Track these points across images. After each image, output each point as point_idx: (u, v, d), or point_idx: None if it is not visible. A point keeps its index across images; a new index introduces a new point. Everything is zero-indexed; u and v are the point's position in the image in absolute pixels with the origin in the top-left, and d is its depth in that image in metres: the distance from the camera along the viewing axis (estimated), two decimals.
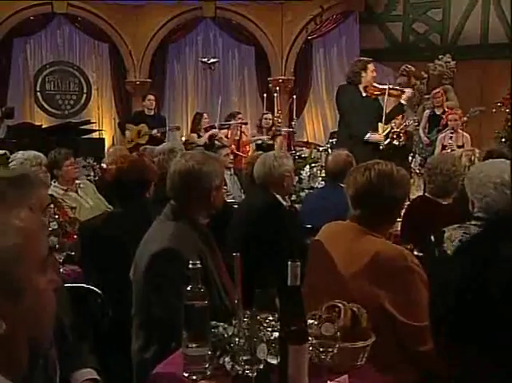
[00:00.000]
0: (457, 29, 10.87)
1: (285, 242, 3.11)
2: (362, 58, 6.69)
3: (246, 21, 11.22)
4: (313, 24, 11.14)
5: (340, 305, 1.90)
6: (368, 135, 5.96)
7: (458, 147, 7.96)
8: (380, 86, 6.32)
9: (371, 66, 6.25)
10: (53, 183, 4.58)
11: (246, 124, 9.27)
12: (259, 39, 11.22)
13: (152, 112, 9.33)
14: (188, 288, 1.75)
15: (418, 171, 10.19)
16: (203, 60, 11.36)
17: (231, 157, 6.73)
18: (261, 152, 5.45)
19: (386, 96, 6.19)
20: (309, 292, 1.92)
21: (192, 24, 11.46)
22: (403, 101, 6.36)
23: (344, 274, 2.10)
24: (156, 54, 11.36)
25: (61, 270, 2.89)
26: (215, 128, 8.56)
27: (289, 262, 1.64)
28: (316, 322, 1.79)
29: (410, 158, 9.44)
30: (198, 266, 1.76)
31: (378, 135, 6.01)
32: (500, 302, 0.67)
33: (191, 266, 1.76)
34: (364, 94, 6.27)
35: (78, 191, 4.69)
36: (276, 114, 9.74)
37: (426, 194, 3.58)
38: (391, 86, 6.50)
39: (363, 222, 2.20)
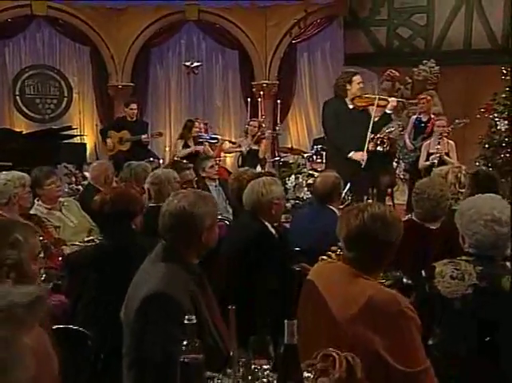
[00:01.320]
0: (441, 34, 10.94)
1: (273, 274, 3.12)
2: (348, 70, 6.71)
3: (230, 25, 11.22)
4: (297, 28, 11.17)
5: (334, 354, 1.91)
6: (352, 153, 6.00)
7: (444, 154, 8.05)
8: (367, 97, 6.35)
9: (356, 78, 6.27)
10: (36, 201, 4.54)
11: (230, 141, 9.36)
12: (243, 43, 11.23)
13: (134, 118, 9.30)
14: (184, 343, 1.75)
15: (402, 177, 10.31)
16: (186, 64, 11.37)
17: (216, 168, 6.72)
18: (247, 168, 5.49)
19: (374, 107, 6.22)
20: (303, 334, 1.93)
21: (175, 27, 11.44)
22: (388, 111, 6.40)
23: (338, 318, 2.12)
24: (139, 58, 11.32)
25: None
26: (204, 136, 8.58)
27: (286, 321, 1.65)
28: (311, 376, 1.80)
29: (395, 164, 9.50)
30: (194, 321, 1.76)
31: (360, 154, 6.00)
32: None
33: (186, 321, 1.76)
34: (350, 106, 6.30)
35: (62, 210, 4.65)
36: (260, 119, 9.77)
37: (413, 218, 3.60)
38: (380, 96, 6.53)
39: (356, 264, 2.21)
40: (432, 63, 10.55)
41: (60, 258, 3.69)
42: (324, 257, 3.56)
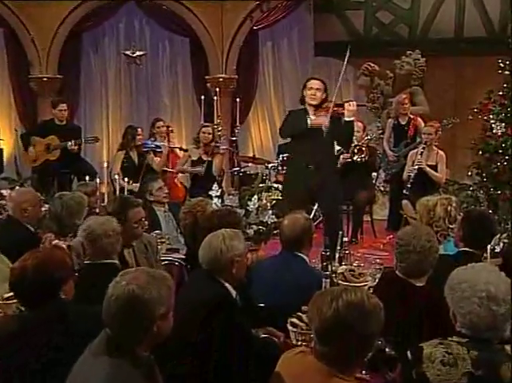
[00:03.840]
0: (428, 20, 11.08)
1: (235, 354, 3.11)
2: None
3: (180, 7, 11.12)
4: (259, 12, 11.14)
5: None
6: (309, 120, 6.24)
7: (430, 166, 8.12)
8: (326, 106, 6.40)
9: (309, 83, 6.41)
10: None
11: (181, 149, 9.34)
12: (195, 29, 11.14)
13: (64, 121, 9.17)
14: None
15: (382, 189, 10.41)
16: (127, 53, 11.27)
17: (166, 191, 6.67)
18: (200, 199, 5.46)
19: (328, 114, 6.25)
20: None
21: (112, 8, 11.24)
22: (346, 118, 6.41)
23: None
24: (68, 44, 11.08)
25: None
26: (149, 144, 8.52)
27: None
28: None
29: (374, 174, 9.57)
30: None
31: (321, 119, 6.22)
32: None
33: None
34: (312, 117, 6.36)
35: None
36: (216, 121, 9.74)
37: (397, 272, 3.63)
38: (339, 102, 6.55)
39: (330, 361, 2.22)
40: (417, 54, 10.67)
41: None
42: (294, 320, 3.58)
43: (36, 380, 2.74)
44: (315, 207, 8.03)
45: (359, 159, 8.69)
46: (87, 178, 7.29)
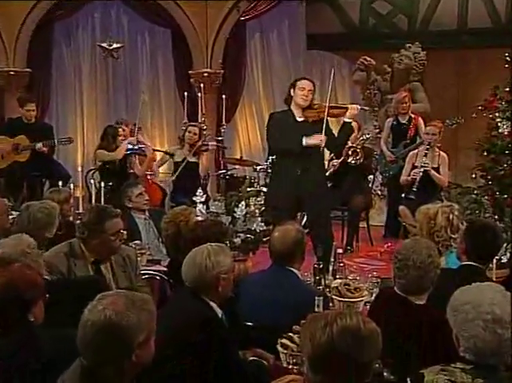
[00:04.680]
0: (429, 10, 11.11)
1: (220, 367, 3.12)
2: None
3: None
4: (246, 1, 11.16)
5: None
6: (305, 139, 6.25)
7: (432, 169, 8.15)
8: (319, 107, 6.43)
9: (300, 83, 6.43)
10: None
11: (166, 153, 9.33)
12: (177, 19, 11.15)
13: (33, 120, 9.14)
14: None
15: (379, 193, 10.43)
16: (103, 45, 11.26)
17: (146, 197, 6.66)
18: (184, 207, 5.46)
19: (325, 118, 6.30)
20: None
21: None
22: (347, 119, 6.49)
23: None
24: (37, 35, 11.03)
25: None
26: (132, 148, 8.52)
27: None
28: None
29: (370, 177, 9.60)
30: None
31: (318, 137, 6.24)
32: None
33: None
34: (299, 119, 6.39)
35: None
36: (201, 120, 9.73)
37: (395, 289, 3.63)
38: (332, 104, 6.63)
39: None
40: (417, 47, 10.68)
41: None
42: (285, 340, 3.58)
43: None
44: (302, 216, 8.09)
45: (353, 162, 8.71)
46: (60, 183, 7.23)
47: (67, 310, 3.18)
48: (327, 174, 7.80)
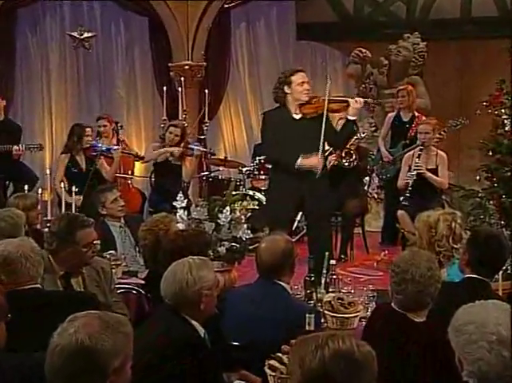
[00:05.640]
0: None
1: None
2: (289, 69, 6.77)
3: None
4: None
5: None
6: (300, 160, 6.25)
7: (430, 170, 8.16)
8: (318, 100, 6.43)
9: (296, 78, 6.39)
10: None
11: (136, 156, 9.43)
12: (155, 7, 11.09)
13: (2, 117, 9.11)
14: None
15: (376, 197, 10.46)
16: (73, 34, 11.20)
17: (121, 203, 6.63)
18: (164, 214, 5.46)
19: (324, 113, 6.30)
20: None
21: None
22: (349, 117, 6.51)
23: None
24: None
25: None
26: (100, 147, 8.48)
27: None
28: None
29: (366, 179, 9.62)
30: None
31: (315, 159, 6.28)
32: None
33: None
34: (296, 116, 6.39)
35: None
36: (180, 117, 9.73)
37: (392, 305, 3.65)
38: (332, 97, 6.56)
39: None
40: (416, 37, 10.73)
41: None
42: (273, 362, 3.59)
43: None
44: (297, 218, 8.11)
45: (347, 164, 8.74)
46: (26, 187, 7.19)
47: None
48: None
